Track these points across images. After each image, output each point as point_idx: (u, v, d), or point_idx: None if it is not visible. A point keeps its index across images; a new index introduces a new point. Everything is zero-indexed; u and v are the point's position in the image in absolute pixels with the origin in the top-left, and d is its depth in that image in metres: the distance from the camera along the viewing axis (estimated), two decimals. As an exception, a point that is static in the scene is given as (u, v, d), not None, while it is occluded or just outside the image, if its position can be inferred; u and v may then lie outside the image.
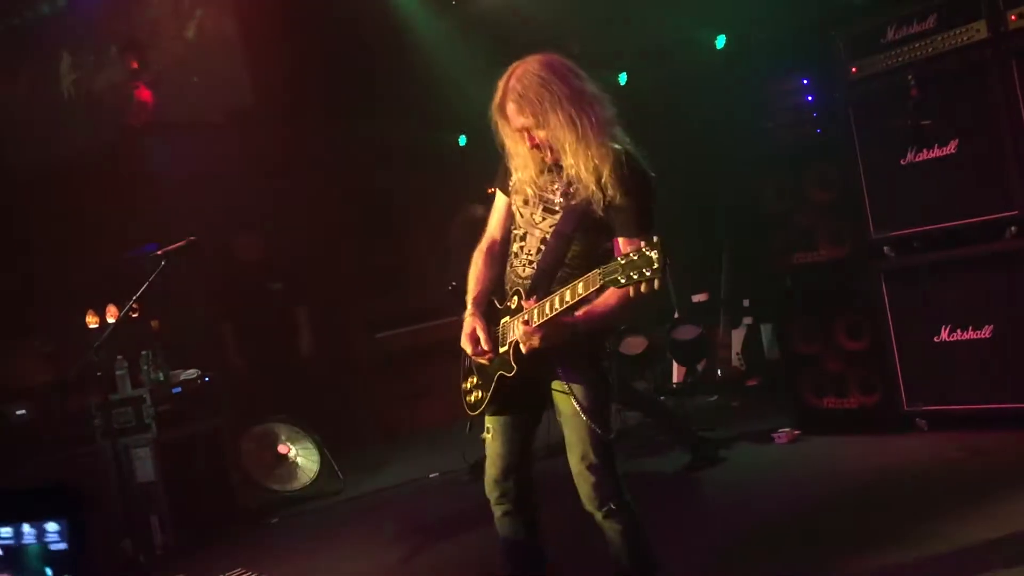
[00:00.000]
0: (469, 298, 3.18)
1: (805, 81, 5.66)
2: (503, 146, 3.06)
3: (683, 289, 7.52)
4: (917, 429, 5.19)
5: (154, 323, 6.47)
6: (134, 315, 5.44)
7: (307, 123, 8.21)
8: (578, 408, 2.96)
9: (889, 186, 5.20)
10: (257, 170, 7.90)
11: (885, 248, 5.26)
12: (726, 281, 7.23)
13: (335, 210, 8.72)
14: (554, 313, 2.80)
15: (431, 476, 6.57)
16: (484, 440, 3.20)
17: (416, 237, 9.12)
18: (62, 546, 1.82)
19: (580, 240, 2.98)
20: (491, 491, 3.22)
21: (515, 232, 3.15)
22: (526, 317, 2.90)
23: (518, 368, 2.96)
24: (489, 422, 3.18)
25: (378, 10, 7.54)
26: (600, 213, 2.91)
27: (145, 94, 8.33)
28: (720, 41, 7.46)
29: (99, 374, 5.34)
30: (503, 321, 3.06)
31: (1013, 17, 4.70)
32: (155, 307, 6.10)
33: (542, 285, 2.97)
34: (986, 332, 4.91)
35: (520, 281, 3.06)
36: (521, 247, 3.10)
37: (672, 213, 7.43)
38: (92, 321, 5.84)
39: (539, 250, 3.03)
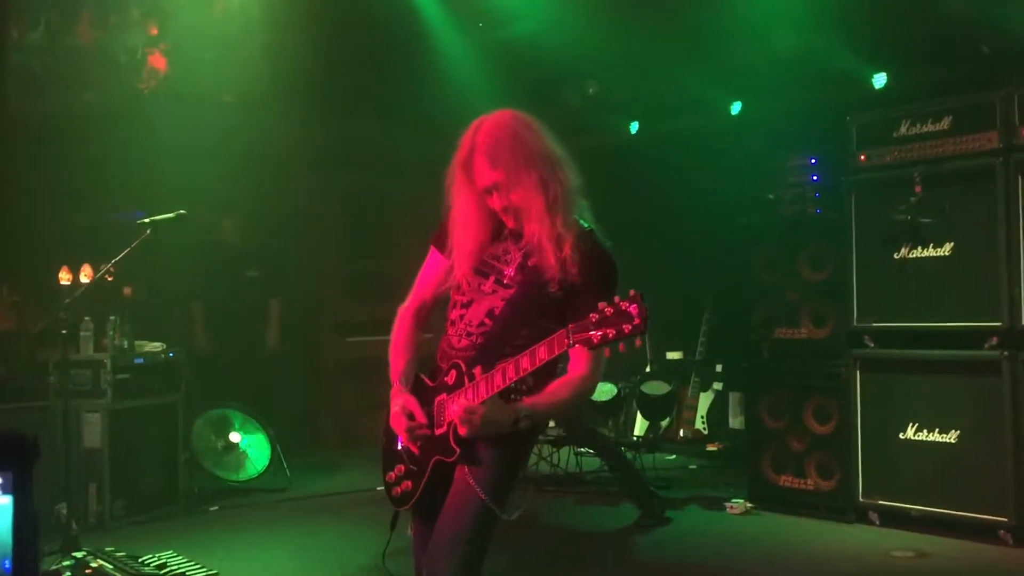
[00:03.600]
0: (392, 372, 2.79)
1: (813, 160, 5.71)
2: (449, 208, 2.77)
3: (659, 344, 7.52)
4: (868, 522, 5.18)
5: (127, 290, 6.39)
6: (109, 279, 5.36)
7: (313, 117, 8.20)
8: (479, 479, 2.55)
9: (879, 276, 5.23)
10: (255, 155, 7.86)
11: (866, 337, 5.27)
12: (703, 343, 7.25)
13: (326, 207, 8.69)
14: (508, 383, 2.46)
15: (379, 489, 6.48)
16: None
17: (403, 246, 9.07)
18: (6, 499, 1.74)
19: (533, 322, 2.59)
20: (419, 570, 2.82)
21: (456, 298, 2.76)
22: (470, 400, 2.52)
23: (460, 452, 2.55)
24: (413, 514, 2.84)
25: (405, 20, 7.54)
26: (558, 293, 2.57)
27: (159, 61, 8.29)
28: (736, 107, 7.52)
29: (64, 332, 5.25)
30: (438, 399, 2.65)
31: (1025, 132, 4.76)
32: (131, 274, 6.03)
33: (487, 359, 2.57)
34: (951, 437, 4.93)
35: (456, 353, 2.68)
36: (461, 315, 2.71)
37: (659, 266, 7.58)
38: (65, 278, 5.74)
39: (482, 323, 2.65)
